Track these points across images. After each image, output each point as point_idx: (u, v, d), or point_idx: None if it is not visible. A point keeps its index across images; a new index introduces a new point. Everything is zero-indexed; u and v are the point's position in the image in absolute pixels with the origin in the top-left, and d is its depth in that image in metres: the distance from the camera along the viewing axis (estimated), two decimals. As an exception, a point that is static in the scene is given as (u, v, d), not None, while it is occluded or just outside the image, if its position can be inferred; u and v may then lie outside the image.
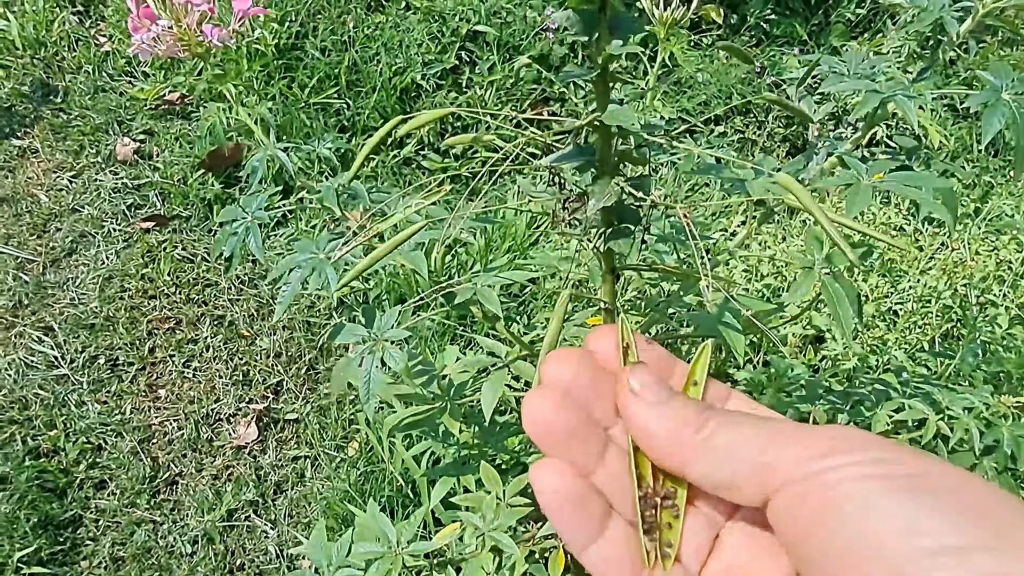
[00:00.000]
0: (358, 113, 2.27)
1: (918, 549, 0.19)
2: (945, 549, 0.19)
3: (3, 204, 1.98)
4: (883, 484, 0.20)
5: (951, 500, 0.20)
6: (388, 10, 2.45)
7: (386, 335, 0.75)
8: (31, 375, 1.69)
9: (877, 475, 0.21)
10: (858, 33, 2.86)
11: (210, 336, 1.80)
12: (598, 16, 0.43)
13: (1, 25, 2.33)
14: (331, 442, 1.64)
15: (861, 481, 0.21)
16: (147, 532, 1.51)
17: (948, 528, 0.19)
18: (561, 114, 2.48)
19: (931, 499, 0.20)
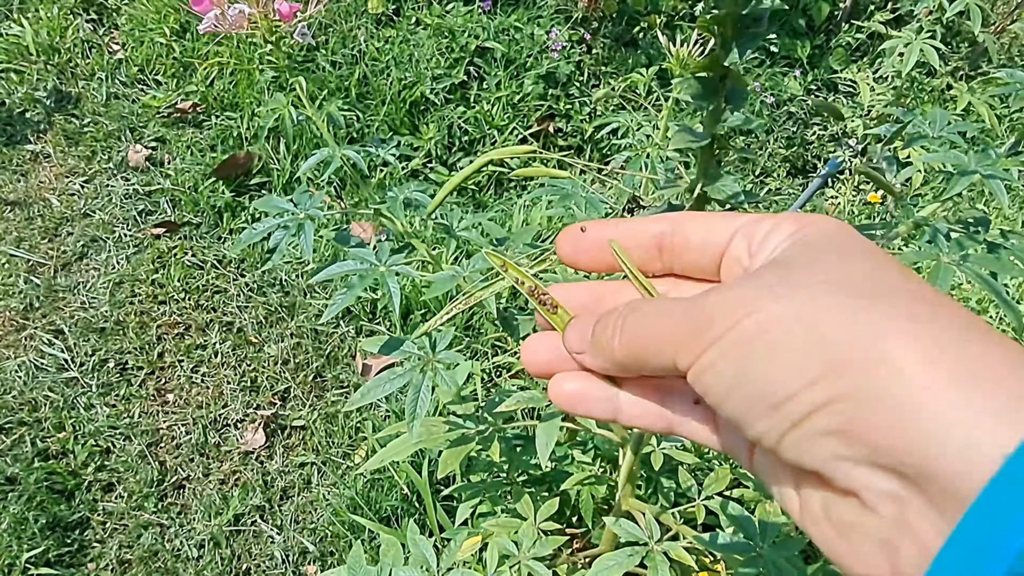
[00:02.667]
0: (368, 125, 2.31)
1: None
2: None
3: (15, 208, 2.00)
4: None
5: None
6: (399, 25, 2.49)
7: (440, 356, 0.74)
8: (41, 377, 1.70)
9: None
10: (858, 57, 2.92)
11: (219, 342, 1.82)
12: (718, 85, 0.45)
13: (16, 31, 2.36)
14: (337, 449, 1.66)
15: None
16: (154, 535, 1.52)
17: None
18: (567, 130, 2.52)
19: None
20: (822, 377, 0.21)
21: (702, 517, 0.97)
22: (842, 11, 2.89)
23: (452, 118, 2.37)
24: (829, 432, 0.21)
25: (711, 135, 0.51)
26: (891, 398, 0.20)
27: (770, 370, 0.22)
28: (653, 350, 0.25)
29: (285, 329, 1.87)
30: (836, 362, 0.21)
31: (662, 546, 0.86)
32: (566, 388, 0.30)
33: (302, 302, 1.91)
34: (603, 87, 2.60)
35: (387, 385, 0.76)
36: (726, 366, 0.23)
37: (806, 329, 0.21)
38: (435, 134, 2.34)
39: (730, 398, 0.23)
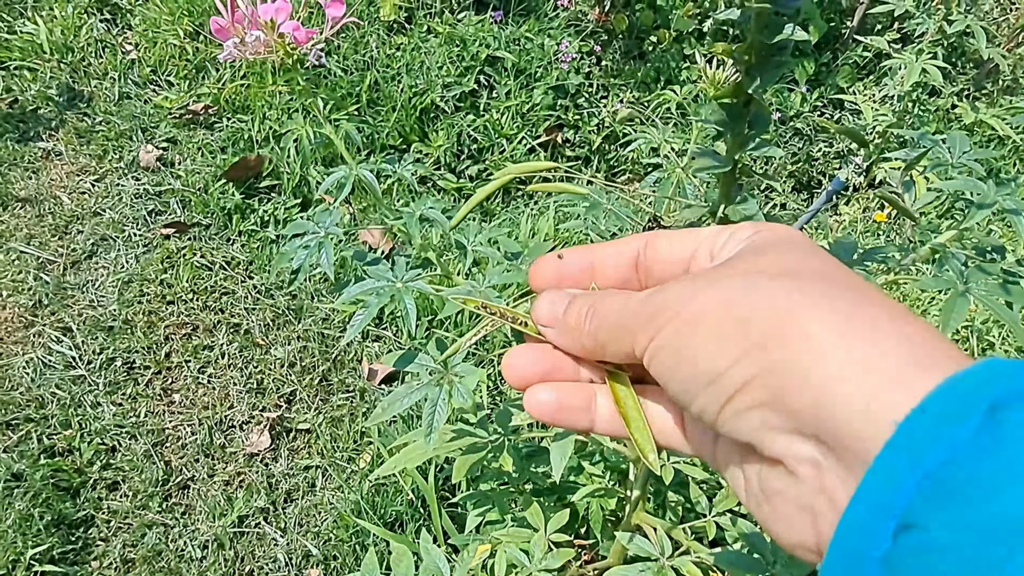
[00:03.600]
0: (377, 131, 2.32)
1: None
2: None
3: (26, 204, 2.01)
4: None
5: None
6: (410, 32, 2.51)
7: (455, 369, 0.75)
8: (48, 374, 1.71)
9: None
10: (864, 75, 2.94)
11: (226, 343, 1.83)
12: (742, 111, 0.46)
13: (30, 29, 2.37)
14: (342, 453, 1.66)
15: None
16: (158, 535, 1.53)
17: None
18: (575, 141, 2.54)
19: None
20: (747, 354, 0.23)
21: (712, 533, 0.98)
22: (849, 29, 2.92)
23: (462, 126, 2.39)
24: (757, 404, 0.23)
25: (734, 160, 0.52)
26: (808, 370, 0.21)
27: (704, 350, 0.24)
28: (615, 337, 0.28)
29: (292, 332, 1.88)
30: (760, 339, 0.23)
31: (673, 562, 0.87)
32: (541, 397, 0.31)
33: (309, 305, 1.92)
34: (612, 99, 2.62)
35: (405, 399, 0.78)
36: (670, 350, 0.25)
37: (734, 310, 0.24)
38: (444, 142, 2.35)
39: (673, 378, 0.25)
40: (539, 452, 1.11)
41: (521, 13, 2.65)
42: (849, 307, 0.22)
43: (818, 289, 0.23)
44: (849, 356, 0.21)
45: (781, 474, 0.23)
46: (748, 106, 0.49)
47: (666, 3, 2.87)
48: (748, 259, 0.26)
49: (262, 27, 0.82)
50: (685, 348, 0.25)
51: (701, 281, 0.26)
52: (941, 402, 0.19)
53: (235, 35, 0.83)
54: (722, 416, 0.24)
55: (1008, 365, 0.19)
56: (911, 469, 0.18)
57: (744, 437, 0.24)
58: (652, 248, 0.31)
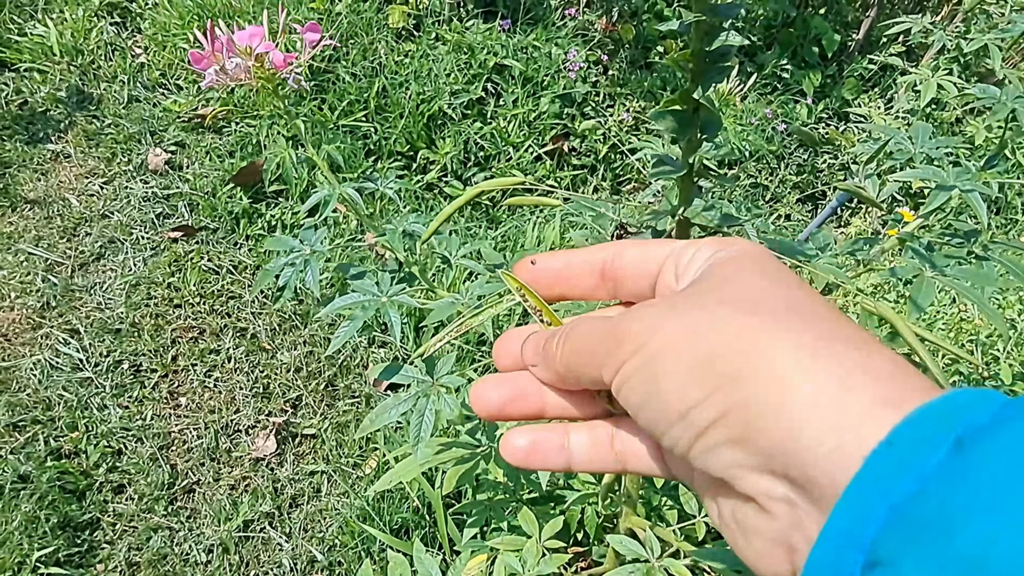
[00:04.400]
0: (385, 137, 2.33)
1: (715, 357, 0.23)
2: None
3: (35, 206, 2.01)
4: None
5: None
6: (419, 40, 2.52)
7: (442, 380, 0.76)
8: (55, 376, 1.71)
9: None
10: (869, 88, 2.96)
11: (232, 347, 1.84)
12: (691, 118, 0.47)
13: (40, 31, 2.38)
14: (348, 459, 1.67)
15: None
16: (163, 538, 1.53)
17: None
18: (581, 149, 2.55)
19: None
20: (717, 390, 0.23)
21: (702, 534, 0.99)
22: (855, 43, 2.93)
23: (469, 133, 2.40)
24: (728, 441, 0.23)
25: (688, 164, 0.52)
26: (776, 409, 0.21)
27: (674, 383, 0.24)
28: (584, 365, 0.28)
29: (298, 337, 1.88)
30: (729, 375, 0.22)
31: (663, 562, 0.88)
32: (517, 443, 0.31)
33: (315, 311, 1.93)
34: (618, 109, 2.63)
35: (392, 411, 0.78)
36: (638, 381, 0.25)
37: (702, 345, 0.23)
38: (451, 149, 2.36)
39: (644, 410, 0.25)
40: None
41: (529, 22, 2.66)
42: (815, 341, 0.22)
43: (783, 323, 0.23)
44: (816, 394, 0.21)
45: (754, 510, 0.23)
46: (697, 112, 0.50)
47: (673, 13, 2.89)
48: (712, 285, 0.26)
49: (240, 53, 0.83)
50: (653, 381, 0.24)
51: (666, 309, 0.26)
52: (907, 435, 0.19)
53: (215, 63, 0.84)
54: (693, 451, 0.24)
55: (973, 395, 0.20)
56: (878, 502, 0.18)
57: (716, 473, 0.24)
58: (621, 258, 0.31)
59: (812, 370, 0.21)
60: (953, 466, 0.18)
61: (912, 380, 0.21)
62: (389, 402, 0.75)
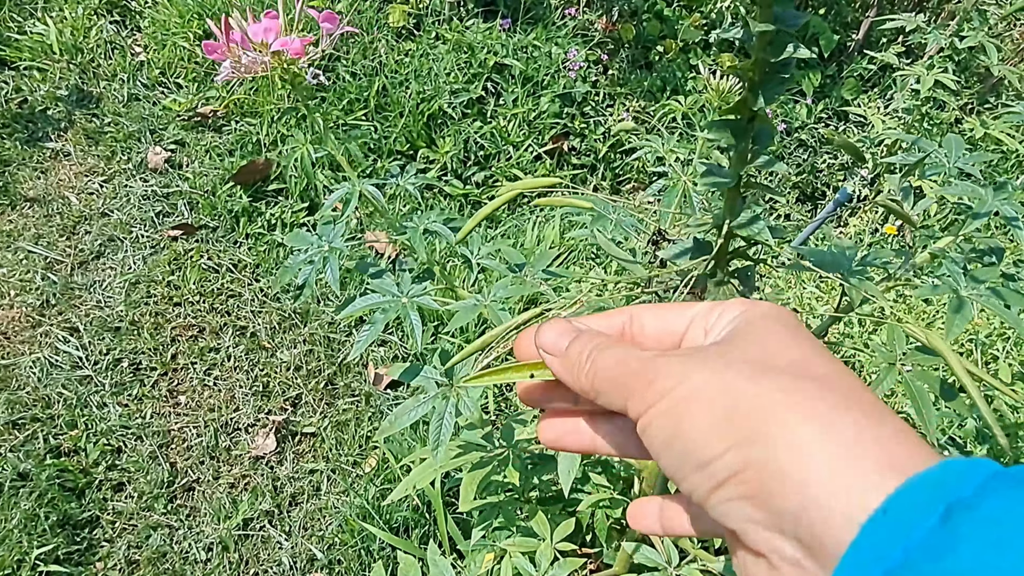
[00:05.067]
0: (385, 136, 2.33)
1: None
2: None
3: (34, 204, 2.01)
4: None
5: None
6: (419, 39, 2.52)
7: (462, 383, 0.75)
8: (55, 374, 1.71)
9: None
10: (868, 88, 2.96)
11: (232, 346, 1.84)
12: (746, 127, 0.46)
13: (40, 29, 2.38)
14: (347, 457, 1.66)
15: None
16: (163, 536, 1.53)
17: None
18: (580, 149, 2.55)
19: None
20: (737, 445, 0.24)
21: (719, 542, 0.98)
22: (855, 42, 2.94)
23: (469, 132, 2.40)
24: (743, 497, 0.24)
25: (738, 175, 0.52)
26: (789, 472, 0.23)
27: (696, 433, 0.25)
28: (611, 392, 0.29)
29: (298, 335, 1.88)
30: (748, 434, 0.24)
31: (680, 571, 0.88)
32: (546, 436, 0.34)
33: (315, 309, 1.93)
34: (618, 108, 2.63)
35: (412, 413, 0.78)
36: (663, 425, 0.26)
37: (725, 400, 0.25)
38: (451, 148, 2.36)
39: (665, 453, 0.27)
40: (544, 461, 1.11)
41: (529, 21, 2.66)
42: (830, 410, 0.23)
43: (802, 389, 0.24)
44: (827, 461, 0.22)
45: (765, 567, 0.24)
46: (752, 122, 0.50)
47: (673, 13, 2.89)
48: (739, 344, 0.28)
49: (255, 48, 0.83)
50: (676, 427, 0.26)
51: (696, 360, 0.27)
52: (901, 503, 0.20)
53: (231, 56, 0.83)
54: (710, 501, 0.25)
55: (966, 465, 0.21)
56: (871, 569, 0.19)
57: (730, 525, 0.25)
58: (638, 323, 0.33)
59: (824, 439, 0.23)
60: (939, 537, 0.19)
61: (916, 448, 0.22)
62: (408, 404, 0.74)
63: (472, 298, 0.82)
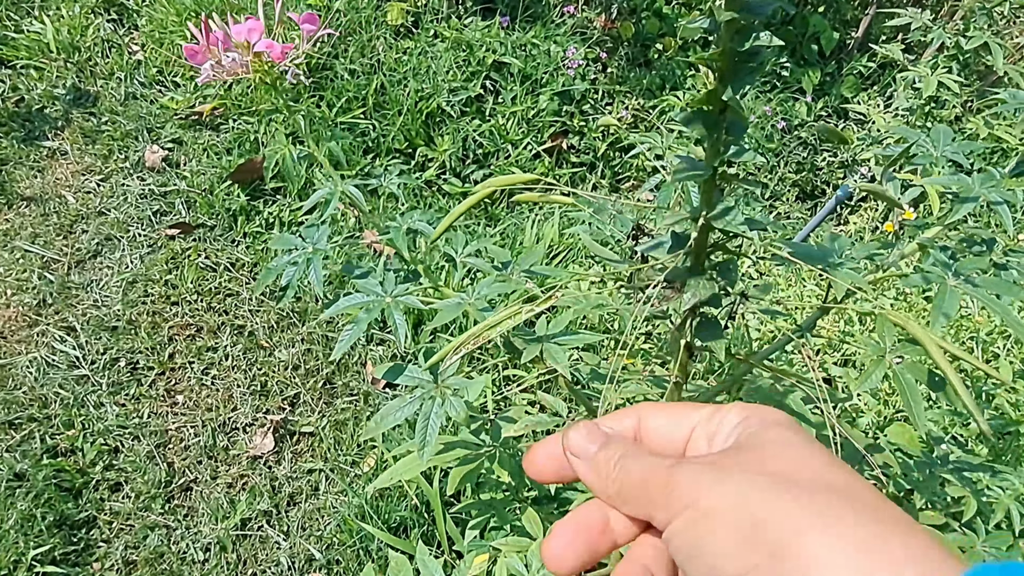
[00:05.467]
0: (383, 135, 2.32)
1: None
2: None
3: (31, 203, 2.00)
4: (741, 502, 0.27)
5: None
6: (417, 37, 2.51)
7: (447, 382, 0.75)
8: (52, 374, 1.70)
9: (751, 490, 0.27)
10: (868, 85, 2.95)
11: (230, 345, 1.83)
12: (718, 119, 0.45)
13: (37, 28, 2.37)
14: (346, 457, 1.66)
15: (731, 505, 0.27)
16: (160, 537, 1.52)
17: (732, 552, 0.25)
18: (579, 147, 2.54)
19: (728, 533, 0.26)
20: (759, 565, 0.24)
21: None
22: (854, 40, 2.93)
23: (467, 131, 2.39)
24: None
25: (713, 167, 0.51)
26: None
27: (720, 548, 0.26)
28: (636, 500, 0.30)
29: (296, 334, 1.87)
30: (772, 551, 0.24)
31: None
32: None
33: (313, 308, 1.92)
34: (617, 106, 2.62)
35: (398, 413, 0.77)
36: (686, 538, 0.27)
37: (747, 517, 0.25)
38: (450, 146, 2.35)
39: (690, 564, 0.27)
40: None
41: (528, 19, 2.65)
42: (853, 528, 0.24)
43: (821, 505, 0.25)
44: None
45: None
46: (724, 113, 0.49)
47: (672, 11, 2.88)
48: (756, 455, 0.28)
49: (236, 48, 0.82)
50: (698, 542, 0.26)
51: (715, 471, 0.28)
52: None
53: (211, 57, 0.83)
54: None
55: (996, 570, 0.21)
56: None
57: None
58: (645, 425, 0.34)
59: (853, 554, 0.23)
60: None
61: (943, 559, 0.23)
62: (394, 404, 0.74)
63: (456, 297, 0.81)
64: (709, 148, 0.50)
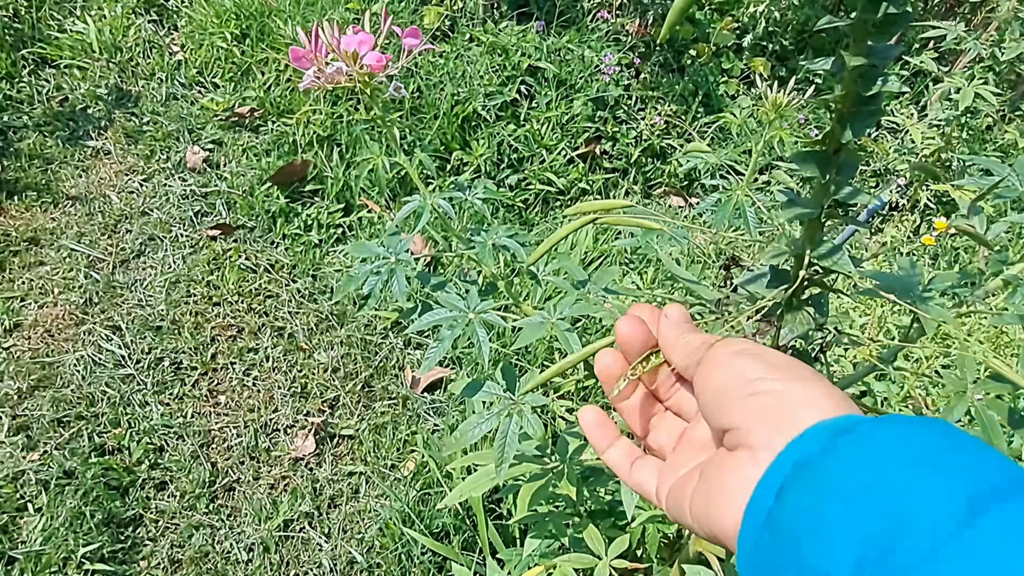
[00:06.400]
0: (420, 138, 2.34)
1: (746, 380, 0.35)
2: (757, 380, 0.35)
3: (76, 203, 2.03)
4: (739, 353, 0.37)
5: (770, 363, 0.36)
6: (453, 41, 2.52)
7: (525, 399, 0.75)
8: (99, 372, 1.73)
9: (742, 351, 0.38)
10: (901, 94, 2.93)
11: (270, 347, 1.85)
12: (832, 159, 0.46)
13: (79, 28, 2.40)
14: (386, 460, 1.68)
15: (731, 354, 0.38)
16: (205, 536, 1.54)
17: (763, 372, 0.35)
18: (613, 152, 2.54)
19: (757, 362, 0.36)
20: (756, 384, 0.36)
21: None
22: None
23: (502, 135, 2.40)
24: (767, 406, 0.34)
25: (821, 206, 0.51)
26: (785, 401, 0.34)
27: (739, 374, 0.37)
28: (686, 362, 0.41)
29: (335, 337, 1.89)
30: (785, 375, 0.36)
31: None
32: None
33: (352, 311, 1.94)
34: (650, 112, 2.62)
35: (477, 429, 0.78)
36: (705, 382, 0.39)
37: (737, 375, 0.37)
38: (485, 150, 2.36)
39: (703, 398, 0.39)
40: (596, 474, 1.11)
41: (563, 24, 2.66)
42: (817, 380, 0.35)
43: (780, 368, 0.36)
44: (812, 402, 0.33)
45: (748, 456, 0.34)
46: (838, 153, 0.49)
47: (705, 17, 2.88)
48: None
49: (345, 59, 0.83)
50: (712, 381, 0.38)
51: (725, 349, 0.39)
52: (812, 432, 0.32)
53: (316, 64, 0.84)
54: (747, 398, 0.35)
55: (855, 419, 0.32)
56: (788, 463, 0.31)
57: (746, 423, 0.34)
58: None
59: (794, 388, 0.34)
60: (827, 450, 0.30)
61: (840, 401, 0.33)
62: (472, 420, 0.75)
63: (538, 315, 0.82)
64: (818, 187, 0.51)
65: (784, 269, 0.56)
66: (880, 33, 0.44)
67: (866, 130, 0.46)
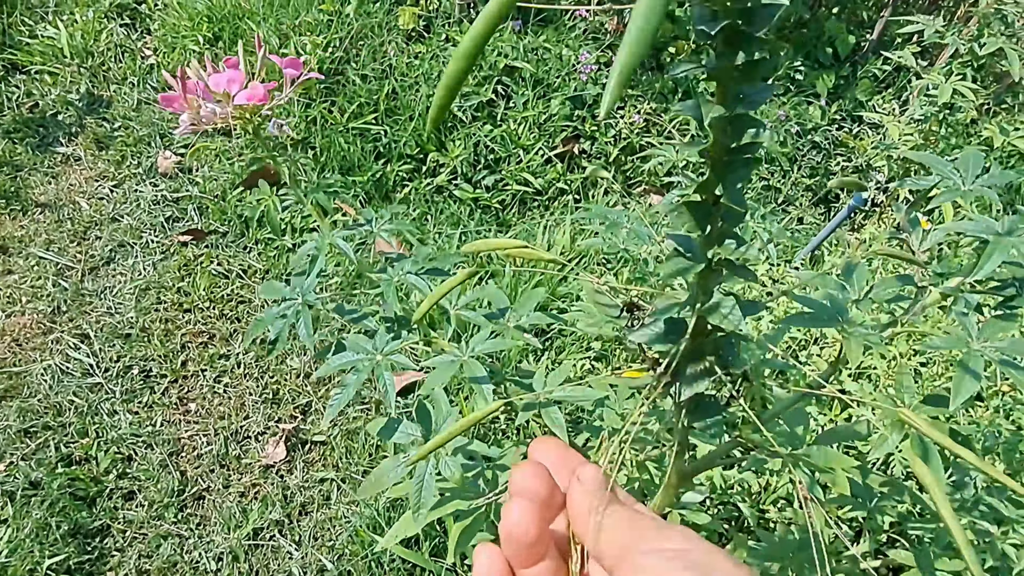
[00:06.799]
0: (395, 140, 2.32)
1: None
2: None
3: (45, 210, 2.01)
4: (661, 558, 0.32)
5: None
6: (429, 41, 2.51)
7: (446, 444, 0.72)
8: (66, 381, 1.71)
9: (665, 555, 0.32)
10: (883, 88, 2.92)
11: (242, 353, 1.83)
12: (711, 210, 0.41)
13: (51, 33, 2.38)
14: (358, 466, 1.66)
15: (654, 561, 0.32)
16: (173, 546, 1.53)
17: None
18: (591, 151, 2.53)
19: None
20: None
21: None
22: (869, 43, 2.90)
23: (479, 136, 2.38)
24: None
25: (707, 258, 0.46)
26: None
27: None
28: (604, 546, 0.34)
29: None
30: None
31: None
32: None
33: (325, 316, 1.92)
34: (628, 111, 2.61)
35: (391, 474, 0.73)
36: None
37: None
38: (461, 151, 2.35)
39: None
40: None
41: (540, 23, 2.64)
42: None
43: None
44: None
45: None
46: (718, 204, 0.43)
47: (684, 14, 2.86)
48: None
49: (215, 99, 0.79)
50: None
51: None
52: None
53: (189, 108, 0.80)
54: None
55: None
56: None
57: None
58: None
59: None
60: None
61: None
62: (387, 465, 0.72)
63: (450, 353, 0.78)
64: (702, 240, 0.45)
65: (681, 320, 0.51)
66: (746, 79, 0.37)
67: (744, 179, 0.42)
